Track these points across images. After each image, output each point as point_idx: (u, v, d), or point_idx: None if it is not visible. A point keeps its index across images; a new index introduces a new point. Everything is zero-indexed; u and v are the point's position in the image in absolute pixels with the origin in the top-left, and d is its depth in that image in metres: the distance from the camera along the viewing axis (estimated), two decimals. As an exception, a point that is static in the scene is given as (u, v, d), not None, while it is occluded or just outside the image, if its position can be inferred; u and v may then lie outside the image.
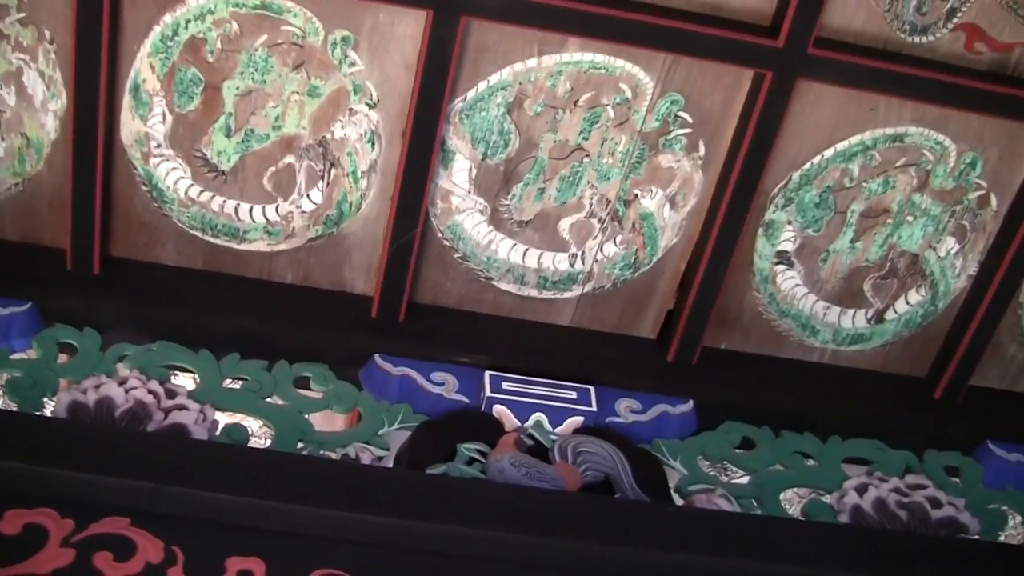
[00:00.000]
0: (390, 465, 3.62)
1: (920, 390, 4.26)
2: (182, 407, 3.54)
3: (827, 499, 3.84)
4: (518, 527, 3.19)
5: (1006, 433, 4.19)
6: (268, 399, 3.69)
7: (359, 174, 3.74)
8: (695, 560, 3.28)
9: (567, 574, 3.19)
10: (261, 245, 3.84)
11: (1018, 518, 4.04)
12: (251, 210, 3.78)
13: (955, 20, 3.67)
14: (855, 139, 3.81)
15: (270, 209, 3.78)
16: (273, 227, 3.80)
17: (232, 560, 2.97)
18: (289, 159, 3.71)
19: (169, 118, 3.62)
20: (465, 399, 3.79)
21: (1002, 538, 3.93)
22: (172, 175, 3.70)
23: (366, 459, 3.56)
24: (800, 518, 3.77)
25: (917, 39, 3.68)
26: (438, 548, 3.14)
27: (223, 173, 3.71)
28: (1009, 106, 3.73)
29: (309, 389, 3.78)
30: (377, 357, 3.82)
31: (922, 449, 4.07)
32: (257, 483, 3.15)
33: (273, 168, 3.72)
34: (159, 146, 3.65)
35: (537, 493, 3.40)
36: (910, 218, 3.95)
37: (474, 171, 3.74)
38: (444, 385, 3.80)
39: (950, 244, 4.03)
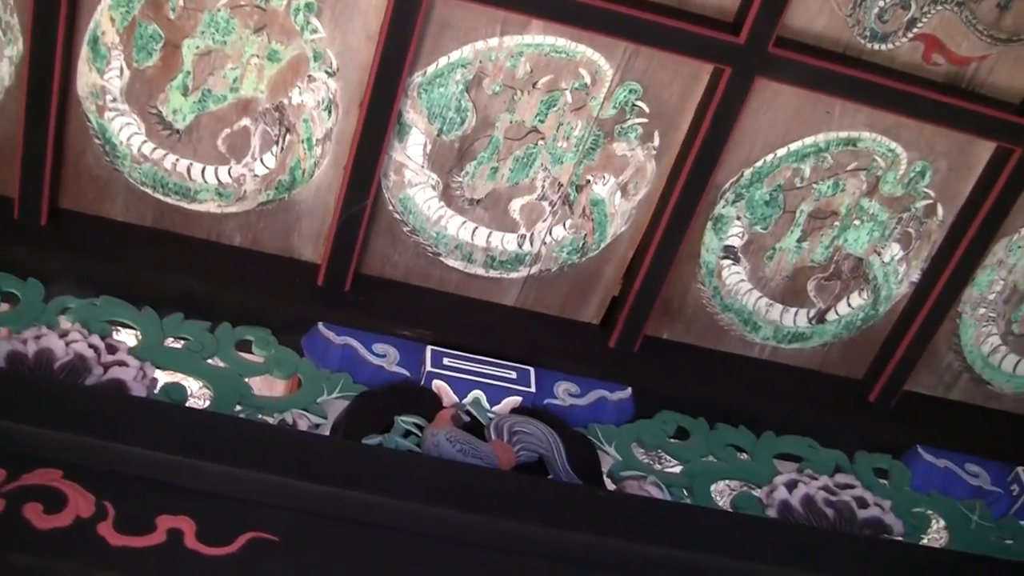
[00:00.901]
0: (326, 433, 3.62)
1: (855, 392, 4.31)
2: (122, 363, 3.53)
3: (757, 493, 3.88)
4: (450, 502, 3.20)
5: (936, 439, 4.24)
6: (209, 360, 3.68)
7: (314, 141, 3.73)
8: (623, 545, 3.30)
9: (496, 552, 3.20)
10: (211, 206, 3.83)
11: (941, 522, 4.08)
12: (203, 170, 3.76)
13: (915, 30, 3.70)
14: (808, 140, 3.84)
15: (222, 171, 3.77)
16: (224, 189, 3.79)
17: (162, 518, 2.96)
18: (245, 122, 3.70)
19: (127, 73, 3.60)
20: (405, 372, 3.79)
21: (925, 541, 3.97)
22: (126, 130, 3.68)
23: (303, 426, 3.57)
24: (729, 510, 3.80)
25: (877, 46, 3.72)
26: (369, 519, 3.14)
27: (177, 132, 3.69)
28: (962, 119, 3.78)
29: (251, 353, 3.78)
30: (320, 325, 3.81)
31: (853, 450, 4.12)
32: (192, 443, 3.14)
33: (228, 130, 3.71)
34: (115, 100, 3.63)
35: (470, 470, 3.42)
36: (857, 222, 3.99)
37: (429, 146, 3.75)
38: (385, 357, 3.81)
39: (895, 250, 4.07)
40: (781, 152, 3.85)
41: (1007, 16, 3.70)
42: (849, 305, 4.17)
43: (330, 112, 3.69)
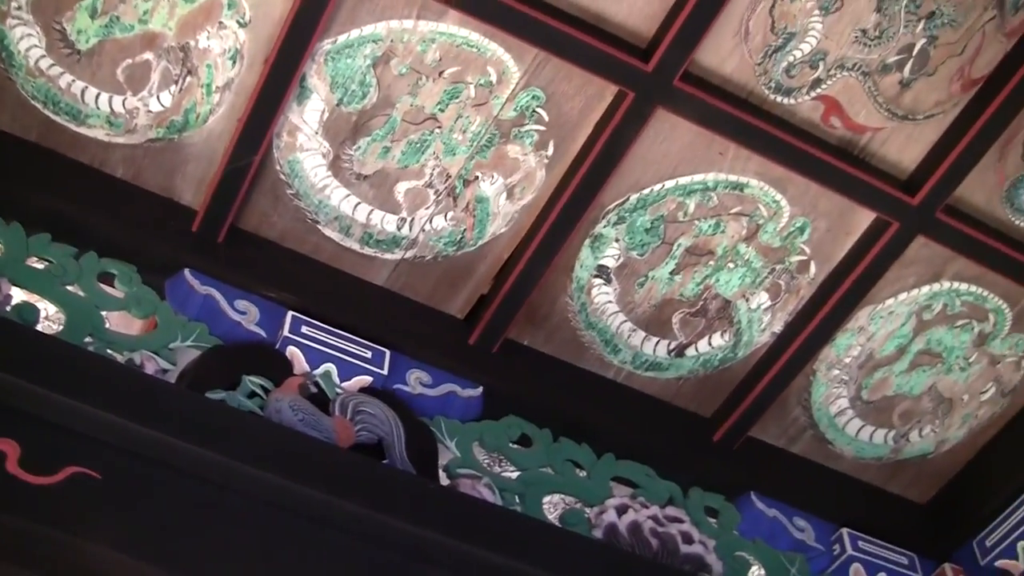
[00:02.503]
0: (172, 380, 3.60)
1: (701, 429, 4.36)
2: (-22, 274, 3.49)
3: (587, 512, 3.92)
4: (279, 469, 3.20)
5: (771, 488, 4.32)
6: (68, 287, 3.64)
7: (213, 88, 3.70)
8: (444, 541, 3.33)
9: (317, 525, 3.20)
10: (100, 133, 3.78)
11: (761, 571, 4.15)
12: (98, 96, 3.71)
13: (818, 90, 3.77)
14: (698, 177, 3.90)
15: (117, 100, 3.72)
16: (116, 118, 3.74)
17: (-13, 437, 2.95)
18: (148, 56, 3.66)
19: (37, -16, 3.56)
20: (262, 333, 3.78)
21: (739, 586, 4.06)
22: (26, 41, 3.62)
23: (150, 369, 3.54)
24: (556, 524, 3.83)
25: (779, 99, 3.78)
26: (197, 471, 3.14)
27: (78, 52, 3.64)
28: (848, 184, 3.86)
29: (112, 287, 3.74)
30: (187, 271, 3.78)
31: (689, 485, 4.17)
32: (32, 366, 3.11)
33: (130, 60, 3.66)
34: (20, 8, 3.56)
35: (306, 440, 3.42)
36: (731, 265, 4.05)
37: (326, 114, 3.74)
38: (246, 315, 3.79)
39: (763, 298, 4.14)
40: (669, 184, 3.90)
41: (908, 94, 3.79)
42: (710, 344, 4.22)
43: (235, 62, 3.67)
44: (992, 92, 3.76)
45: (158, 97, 3.72)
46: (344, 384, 3.77)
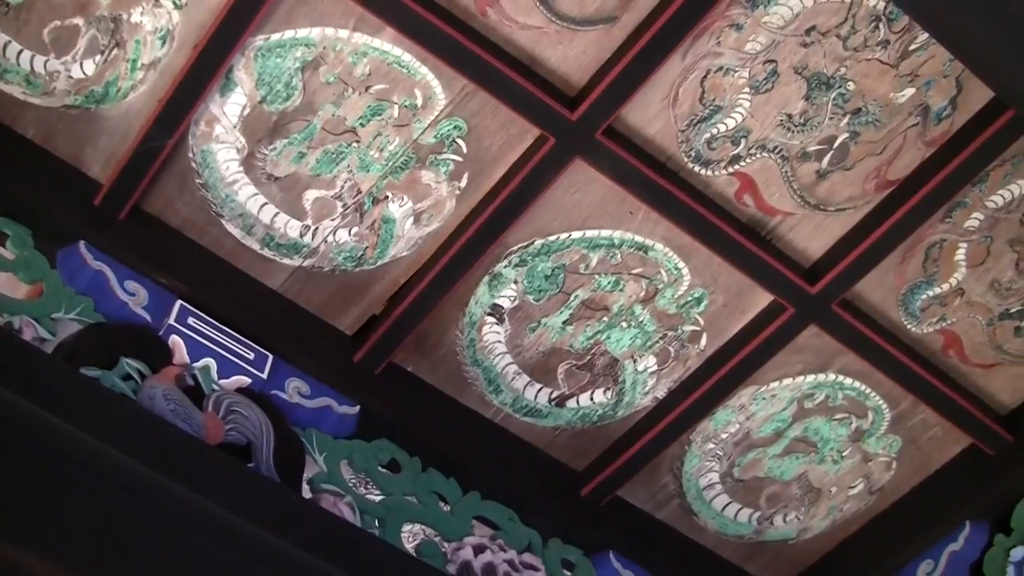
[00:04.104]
0: (49, 351, 3.54)
1: (571, 481, 4.36)
2: None
3: (444, 546, 3.90)
4: (141, 455, 3.14)
5: (630, 550, 4.34)
6: (-44, 241, 3.59)
7: (139, 65, 3.66)
8: (296, 553, 3.28)
9: (169, 517, 3.15)
10: (16, 90, 3.71)
11: (612, 633, 4.19)
12: (20, 53, 3.64)
13: (736, 167, 3.81)
14: (605, 232, 3.92)
15: (39, 60, 3.66)
16: (35, 78, 3.68)
17: None
18: (78, 20, 3.61)
19: (-31, -73, 3.50)
20: (148, 317, 3.73)
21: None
22: (-48, -12, 3.58)
23: (28, 335, 3.48)
24: (412, 553, 3.80)
25: (697, 168, 3.81)
26: (55, 445, 3.06)
27: (7, 5, 3.57)
28: (750, 263, 3.90)
29: (3, 247, 3.68)
30: (81, 244, 3.72)
31: (550, 535, 4.17)
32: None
33: (59, 22, 3.61)
34: (-53, -47, 3.53)
35: (174, 432, 3.36)
36: (625, 324, 4.07)
37: (247, 110, 3.71)
38: (134, 296, 3.74)
39: (650, 362, 4.16)
40: (576, 235, 3.91)
41: (823, 184, 3.84)
42: (591, 399, 4.23)
43: (164, 42, 3.63)
44: (904, 196, 3.82)
45: (81, 64, 3.67)
46: (222, 381, 3.73)
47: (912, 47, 3.64)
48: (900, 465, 4.39)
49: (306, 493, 3.75)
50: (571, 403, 4.24)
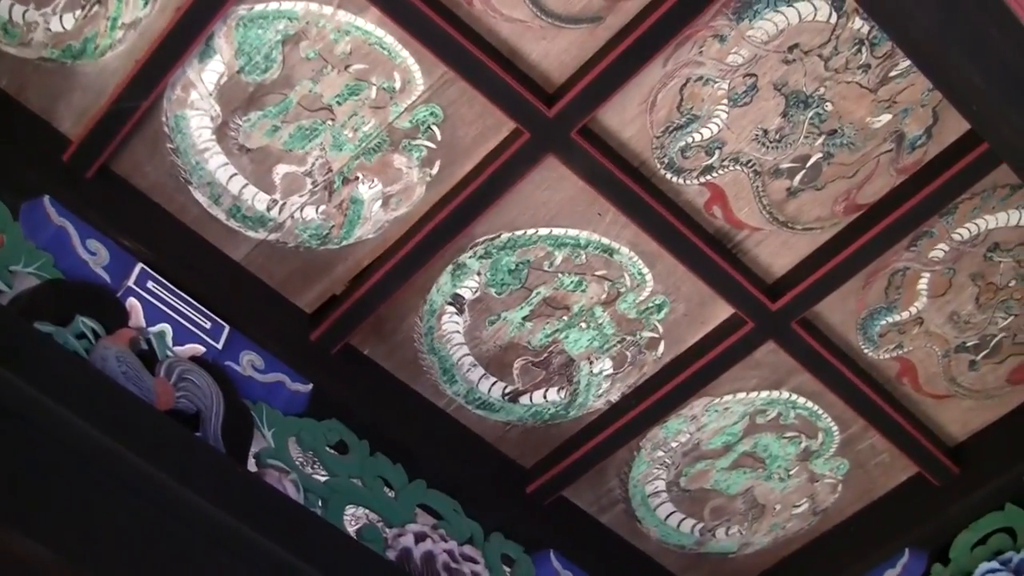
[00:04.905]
0: (3, 303, 3.51)
1: (517, 477, 4.36)
2: None
3: (386, 532, 3.90)
4: (86, 414, 3.11)
5: (571, 551, 4.35)
6: (-81, 184, 3.55)
7: (119, 23, 3.63)
8: (235, 525, 3.27)
9: (111, 479, 3.12)
10: (-8, 38, 3.70)
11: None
12: (-2, 0, 3.63)
13: (708, 177, 3.81)
14: (572, 232, 3.92)
15: (18, 9, 3.61)
16: (12, 27, 3.63)
17: None
18: (60, -28, 3.60)
19: None
20: (107, 278, 3.70)
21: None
22: (-66, -71, 3.54)
23: (-16, 286, 3.47)
24: (352, 535, 3.79)
25: (669, 176, 3.81)
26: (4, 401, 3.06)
27: (-13, -49, 3.56)
28: (714, 275, 3.90)
29: (-32, 197, 3.66)
30: (46, 198, 3.69)
31: (492, 529, 4.18)
32: None
33: (40, -28, 3.60)
34: None
35: (123, 393, 3.33)
36: (584, 325, 4.07)
37: (224, 78, 3.69)
38: (95, 255, 3.71)
39: (606, 365, 4.16)
40: (543, 231, 3.91)
41: (792, 202, 3.85)
42: (545, 397, 4.23)
43: (147, 2, 3.59)
44: (871, 221, 3.83)
45: (61, 18, 3.63)
46: (176, 348, 3.71)
47: (893, 74, 3.65)
48: (845, 488, 4.40)
49: (252, 467, 3.74)
50: (524, 399, 4.24)
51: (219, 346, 3.79)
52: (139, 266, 3.75)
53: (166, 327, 3.71)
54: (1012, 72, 2.73)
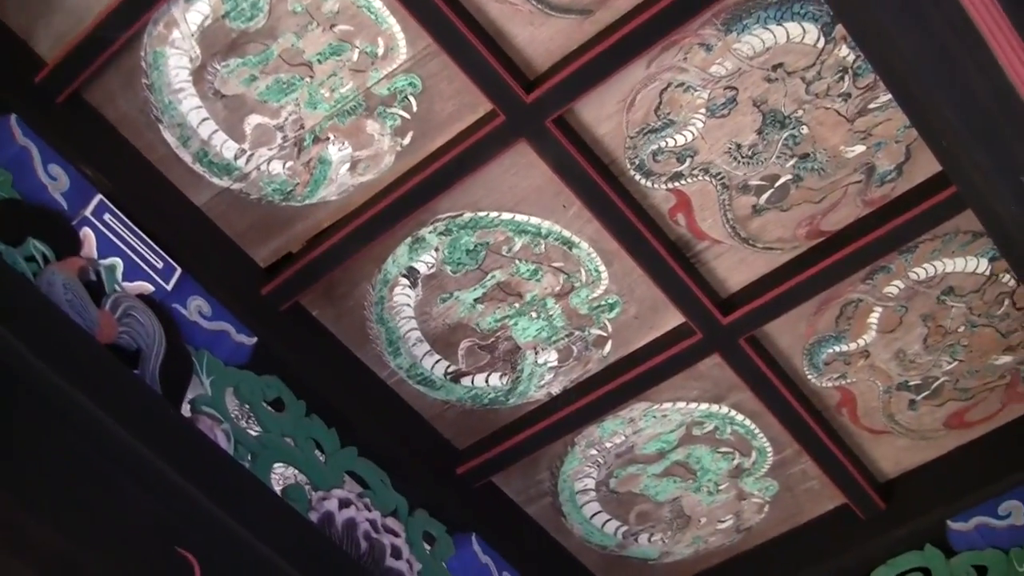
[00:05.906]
0: (-44, 216, 3.50)
1: (449, 458, 4.36)
2: None
3: (311, 494, 3.89)
4: (24, 335, 3.10)
5: (493, 537, 4.35)
6: None
7: (107, -52, 3.62)
8: (160, 467, 3.26)
9: (41, 407, 3.12)
10: (-27, -47, 3.66)
11: (456, 611, 4.19)
12: (-19, -84, 3.60)
13: (676, 184, 3.82)
14: (535, 220, 3.92)
15: (2, -74, 3.62)
16: (-5, -54, 3.64)
17: None
18: None
19: None
20: (64, 205, 3.65)
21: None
22: None
23: (-63, 198, 3.44)
24: (277, 492, 3.78)
25: (638, 177, 3.82)
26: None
27: None
28: (670, 281, 3.90)
29: (-70, 106, 3.61)
30: (13, 117, 3.63)
31: (418, 505, 4.17)
32: None
33: None
34: None
35: (65, 321, 3.32)
36: (534, 314, 4.07)
37: (208, 21, 3.66)
38: (56, 181, 3.66)
39: (551, 357, 4.16)
40: (506, 216, 3.91)
41: (756, 220, 3.86)
42: (487, 381, 4.23)
43: (136, -67, 3.59)
44: (832, 249, 3.84)
45: (46, -63, 3.62)
46: (125, 284, 3.68)
47: (872, 106, 3.66)
48: (772, 509, 4.42)
49: (186, 412, 3.72)
50: (466, 381, 4.24)
51: (168, 287, 3.76)
52: (98, 197, 3.71)
53: (117, 261, 3.68)
54: (984, 112, 2.75)
